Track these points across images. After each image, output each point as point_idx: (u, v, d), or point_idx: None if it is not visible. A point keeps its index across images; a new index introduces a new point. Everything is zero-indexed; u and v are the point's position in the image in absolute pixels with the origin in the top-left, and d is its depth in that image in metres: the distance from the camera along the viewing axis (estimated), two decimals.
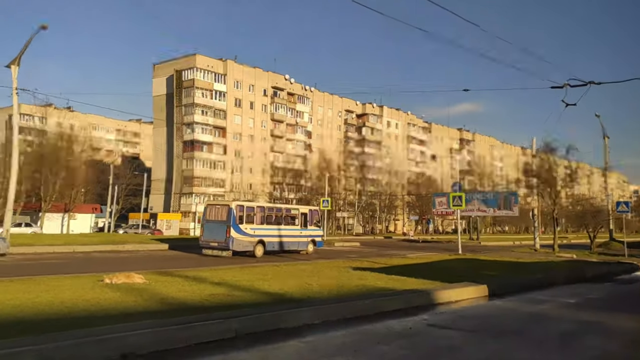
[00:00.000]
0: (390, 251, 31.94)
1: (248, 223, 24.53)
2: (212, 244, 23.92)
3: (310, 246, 28.08)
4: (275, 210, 27.44)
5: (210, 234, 23.99)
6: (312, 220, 28.81)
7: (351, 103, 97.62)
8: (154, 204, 75.60)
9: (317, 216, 29.84)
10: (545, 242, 45.15)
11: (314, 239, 28.66)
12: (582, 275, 17.41)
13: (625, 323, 9.37)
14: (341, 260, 21.30)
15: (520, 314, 10.02)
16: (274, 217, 26.45)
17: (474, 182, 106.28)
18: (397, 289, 11.06)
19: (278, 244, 26.01)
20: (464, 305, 10.81)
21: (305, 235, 27.98)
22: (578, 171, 32.18)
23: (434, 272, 15.11)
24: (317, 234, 29.13)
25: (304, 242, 27.85)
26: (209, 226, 24.27)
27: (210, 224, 24.21)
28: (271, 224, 26.00)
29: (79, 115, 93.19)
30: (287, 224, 27.14)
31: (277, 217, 26.72)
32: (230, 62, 75.90)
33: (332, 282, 12.15)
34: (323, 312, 8.58)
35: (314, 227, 28.85)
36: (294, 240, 27.14)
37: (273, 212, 27.01)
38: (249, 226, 24.46)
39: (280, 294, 10.05)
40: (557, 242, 31.17)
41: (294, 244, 27.22)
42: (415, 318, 9.01)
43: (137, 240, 31.33)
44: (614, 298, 13.42)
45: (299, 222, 27.87)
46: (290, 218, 27.74)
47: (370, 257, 24.22)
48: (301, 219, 28.04)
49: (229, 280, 11.79)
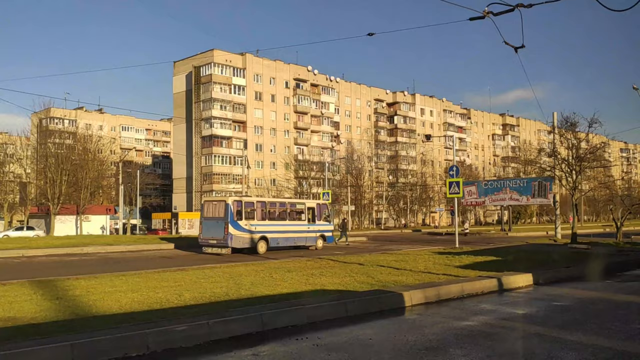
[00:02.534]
0: (391, 246, 28.83)
1: (248, 219, 23.48)
2: (211, 242, 23.03)
3: (319, 241, 26.97)
4: (279, 205, 26.66)
5: (209, 232, 23.12)
6: (320, 215, 27.60)
7: (381, 92, 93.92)
8: (177, 203, 74.62)
9: (326, 210, 28.51)
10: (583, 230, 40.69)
11: (324, 234, 27.57)
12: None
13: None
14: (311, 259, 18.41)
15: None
16: (277, 213, 25.65)
17: (518, 169, 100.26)
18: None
19: (283, 240, 25.02)
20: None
21: (314, 231, 26.84)
22: (604, 148, 27.70)
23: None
24: (326, 229, 27.98)
25: (312, 237, 26.74)
26: (207, 223, 23.44)
27: (208, 221, 23.35)
28: (274, 220, 25.07)
29: (109, 116, 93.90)
30: (293, 219, 26.30)
31: (281, 212, 25.91)
32: (249, 55, 73.82)
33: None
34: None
35: (323, 222, 27.64)
36: (300, 236, 26.14)
37: (276, 207, 26.21)
38: (250, 222, 23.43)
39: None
40: (575, 231, 26.83)
41: (301, 240, 26.17)
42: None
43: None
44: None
45: (306, 217, 26.83)
46: (296, 213, 26.92)
47: (360, 253, 21.73)
48: (308, 214, 26.98)
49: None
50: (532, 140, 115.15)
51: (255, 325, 7.26)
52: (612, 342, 6.56)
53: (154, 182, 72.59)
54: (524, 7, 8.09)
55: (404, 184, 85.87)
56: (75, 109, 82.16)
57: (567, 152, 28.48)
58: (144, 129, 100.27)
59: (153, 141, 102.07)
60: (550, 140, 37.79)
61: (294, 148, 78.57)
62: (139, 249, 26.07)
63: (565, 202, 49.56)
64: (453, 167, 25.18)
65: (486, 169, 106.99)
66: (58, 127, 70.20)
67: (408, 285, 10.74)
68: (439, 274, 12.74)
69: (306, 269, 14.32)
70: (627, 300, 10.35)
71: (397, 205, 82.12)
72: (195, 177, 72.15)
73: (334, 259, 18.07)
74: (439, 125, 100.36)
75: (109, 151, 77.24)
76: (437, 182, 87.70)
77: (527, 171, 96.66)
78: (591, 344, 6.46)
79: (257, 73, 75.21)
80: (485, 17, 8.57)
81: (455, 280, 11.54)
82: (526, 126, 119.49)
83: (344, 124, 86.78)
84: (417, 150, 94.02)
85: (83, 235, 44.11)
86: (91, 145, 58.48)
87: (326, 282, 11.49)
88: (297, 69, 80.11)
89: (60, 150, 53.06)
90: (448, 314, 8.61)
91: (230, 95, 71.97)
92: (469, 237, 39.74)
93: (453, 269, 14.05)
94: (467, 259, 16.92)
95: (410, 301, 9.37)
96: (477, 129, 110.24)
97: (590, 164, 28.72)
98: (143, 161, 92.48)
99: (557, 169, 29.28)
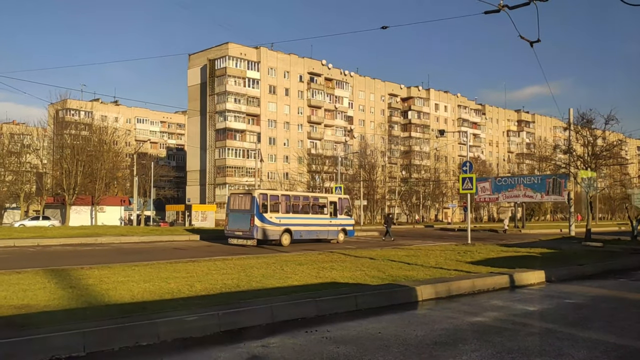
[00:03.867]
0: (402, 241, 28.82)
1: (273, 212, 24.22)
2: (237, 233, 23.84)
3: (340, 235, 27.53)
4: (302, 199, 27.40)
5: (235, 223, 23.95)
6: (342, 209, 28.15)
7: (395, 87, 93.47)
8: (191, 195, 75.00)
9: (347, 204, 29.14)
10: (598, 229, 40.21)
11: (345, 228, 28.08)
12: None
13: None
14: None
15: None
16: (300, 206, 26.40)
17: (532, 165, 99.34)
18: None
19: (306, 233, 25.68)
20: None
21: (335, 225, 27.42)
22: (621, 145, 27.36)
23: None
24: (348, 223, 28.49)
25: (334, 231, 27.33)
26: (233, 216, 24.25)
27: (235, 214, 24.15)
28: (298, 213, 25.71)
29: (124, 109, 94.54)
30: (315, 213, 26.92)
31: (305, 205, 26.70)
32: (263, 49, 73.80)
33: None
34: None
35: (344, 216, 28.22)
36: (322, 229, 26.73)
37: (300, 200, 26.96)
38: (274, 215, 24.15)
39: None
40: (590, 229, 26.52)
41: (323, 233, 26.78)
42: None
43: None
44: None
45: (328, 211, 27.36)
46: (319, 207, 27.53)
47: (371, 248, 21.91)
48: (330, 208, 27.52)
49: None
50: (548, 136, 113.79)
51: (265, 317, 7.29)
52: (625, 340, 6.50)
53: (168, 174, 73.13)
54: (539, 0, 8.01)
55: (417, 179, 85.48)
56: (91, 100, 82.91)
57: (582, 149, 28.17)
58: (159, 121, 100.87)
59: (168, 133, 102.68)
60: (565, 137, 37.29)
61: (307, 142, 78.57)
62: (152, 240, 26.33)
63: (580, 199, 49.01)
64: (466, 162, 24.99)
65: (500, 166, 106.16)
66: (74, 119, 70.88)
67: (419, 280, 10.73)
68: (450, 270, 12.69)
69: (317, 262, 14.35)
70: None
71: (409, 200, 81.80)
72: (209, 169, 72.47)
73: (346, 253, 18.10)
74: (453, 121, 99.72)
75: (124, 143, 77.91)
76: (450, 178, 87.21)
77: (542, 168, 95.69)
78: (603, 342, 6.40)
79: (272, 67, 75.22)
80: (501, 10, 8.50)
81: (466, 276, 11.49)
82: (541, 123, 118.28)
83: (357, 118, 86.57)
84: (430, 145, 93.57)
85: (97, 225, 44.59)
86: (106, 137, 59.06)
87: (337, 276, 11.51)
88: (312, 63, 79.97)
89: (76, 141, 53.62)
90: (458, 310, 8.58)
91: (245, 88, 72.10)
92: (481, 234, 39.48)
93: (464, 265, 14.00)
94: (478, 255, 16.84)
95: (420, 296, 9.36)
96: (492, 125, 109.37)
97: (607, 162, 28.42)
98: (157, 153, 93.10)
99: (572, 166, 28.96)
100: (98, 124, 62.84)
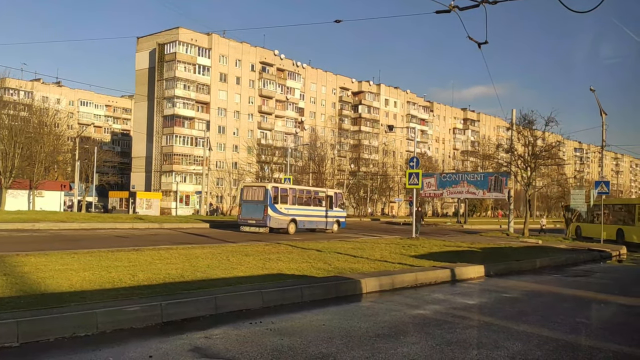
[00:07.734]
0: (349, 234, 29.07)
1: (282, 203, 26.85)
2: (250, 222, 26.34)
3: (335, 226, 30.52)
4: (305, 192, 30.10)
5: (248, 213, 26.52)
6: (337, 202, 31.26)
7: (347, 80, 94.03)
8: (136, 182, 73.19)
9: (341, 198, 32.32)
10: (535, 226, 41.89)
11: (339, 219, 31.12)
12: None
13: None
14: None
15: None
16: (304, 199, 29.01)
17: (476, 163, 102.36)
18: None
19: (308, 223, 28.51)
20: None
21: (331, 216, 30.32)
22: (559, 146, 28.57)
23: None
24: (341, 215, 31.68)
25: (330, 221, 30.22)
26: (246, 206, 26.78)
27: (248, 204, 26.66)
28: (302, 205, 28.44)
29: (67, 90, 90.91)
30: (316, 205, 29.66)
31: (307, 198, 29.34)
32: (215, 35, 72.57)
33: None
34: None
35: (338, 209, 31.37)
36: (321, 220, 29.62)
37: (303, 193, 29.66)
38: (283, 206, 26.84)
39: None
40: (527, 227, 27.73)
41: (322, 223, 29.68)
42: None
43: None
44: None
45: (326, 204, 30.14)
46: (318, 200, 30.18)
47: (318, 240, 21.78)
48: (327, 201, 30.33)
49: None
50: (491, 135, 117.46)
51: (209, 308, 7.21)
52: (557, 334, 6.80)
53: (112, 159, 71.03)
54: (488, 3, 8.23)
55: (365, 173, 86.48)
56: (31, 80, 79.21)
57: (523, 148, 29.24)
58: (104, 105, 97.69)
59: (113, 118, 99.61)
60: (508, 136, 38.66)
61: (257, 132, 78.03)
62: (93, 227, 25.53)
63: (519, 197, 50.91)
64: (413, 158, 25.37)
65: (446, 162, 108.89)
66: (13, 98, 67.54)
67: (364, 273, 10.86)
68: (394, 263, 12.92)
69: (264, 253, 14.29)
70: (573, 294, 10.71)
71: (357, 194, 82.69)
72: (155, 156, 70.85)
73: (293, 244, 18.10)
74: (402, 117, 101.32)
75: (66, 126, 74.72)
76: (397, 173, 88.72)
77: (485, 166, 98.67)
78: (537, 335, 6.67)
79: (223, 54, 74.12)
80: (451, 10, 8.67)
81: (409, 269, 11.73)
82: (486, 122, 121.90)
83: (308, 110, 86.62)
84: (379, 140, 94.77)
85: (35, 210, 42.82)
86: (47, 119, 56.60)
87: (283, 267, 11.50)
88: (264, 53, 79.32)
89: (14, 122, 51.16)
90: (401, 302, 8.75)
91: (195, 75, 70.80)
92: (425, 228, 40.39)
93: (408, 259, 14.28)
94: (422, 249, 17.23)
95: (365, 289, 9.49)
96: (439, 122, 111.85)
97: (545, 162, 29.62)
98: (101, 138, 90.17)
99: (513, 165, 30.05)
100: (38, 105, 60.14)
